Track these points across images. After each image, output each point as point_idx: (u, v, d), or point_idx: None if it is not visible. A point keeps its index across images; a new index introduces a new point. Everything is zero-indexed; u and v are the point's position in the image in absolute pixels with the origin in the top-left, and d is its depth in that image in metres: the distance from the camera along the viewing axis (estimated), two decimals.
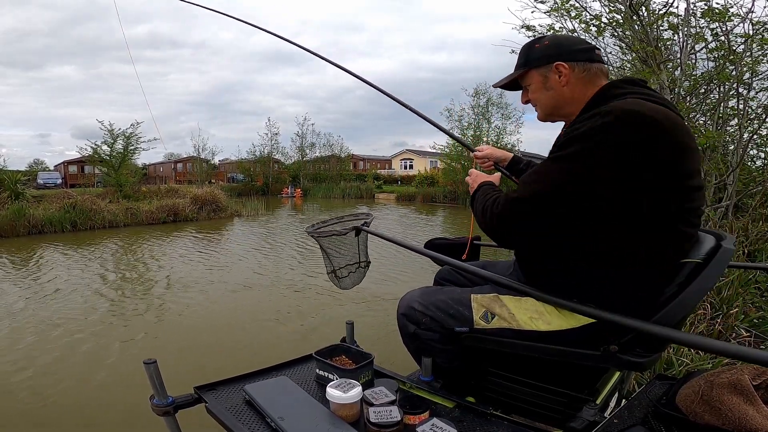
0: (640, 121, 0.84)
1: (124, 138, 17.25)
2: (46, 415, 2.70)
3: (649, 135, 0.83)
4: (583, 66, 1.02)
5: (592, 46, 1.05)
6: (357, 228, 1.45)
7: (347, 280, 1.52)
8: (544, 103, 1.08)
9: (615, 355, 0.96)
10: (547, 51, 1.05)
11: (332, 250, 1.48)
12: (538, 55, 1.06)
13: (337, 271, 1.51)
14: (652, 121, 0.83)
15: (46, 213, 11.67)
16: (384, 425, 0.91)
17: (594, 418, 0.91)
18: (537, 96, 1.08)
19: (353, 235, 1.46)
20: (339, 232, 1.43)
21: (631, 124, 0.84)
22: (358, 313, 4.63)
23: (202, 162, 34.23)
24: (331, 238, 1.46)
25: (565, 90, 1.03)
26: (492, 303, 1.10)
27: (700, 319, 2.68)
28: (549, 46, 1.05)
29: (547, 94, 1.06)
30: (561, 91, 1.04)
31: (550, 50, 1.04)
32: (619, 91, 0.95)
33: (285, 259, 7.72)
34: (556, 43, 1.06)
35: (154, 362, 1.03)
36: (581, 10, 4.37)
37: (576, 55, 1.02)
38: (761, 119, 4.31)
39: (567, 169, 0.88)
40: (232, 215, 15.58)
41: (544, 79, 1.05)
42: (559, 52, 1.03)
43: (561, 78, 1.02)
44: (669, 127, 0.85)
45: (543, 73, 1.05)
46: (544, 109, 1.09)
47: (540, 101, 1.08)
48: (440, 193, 23.99)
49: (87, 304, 5.02)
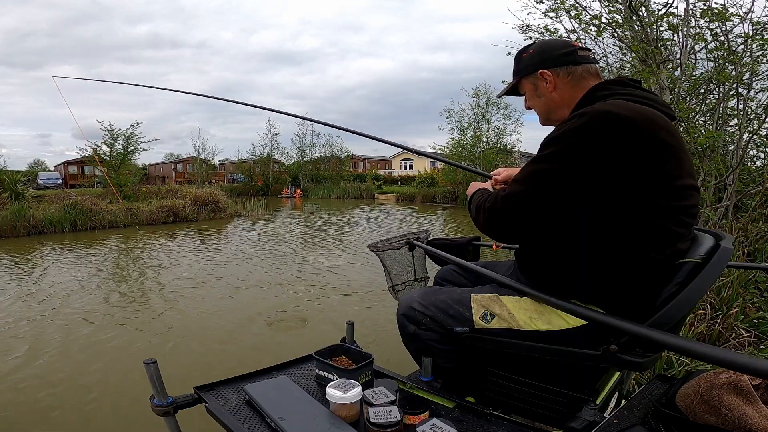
0: (614, 121, 0.85)
1: (124, 138, 17.27)
2: (46, 416, 2.70)
3: (622, 135, 0.84)
4: (566, 70, 1.05)
5: (574, 49, 1.07)
6: (410, 243, 1.51)
7: (402, 294, 1.58)
8: (539, 109, 1.12)
9: (615, 355, 0.96)
10: (532, 60, 1.09)
11: (392, 266, 1.55)
12: (525, 65, 1.10)
13: (395, 286, 1.57)
14: (626, 121, 0.84)
15: (46, 213, 11.65)
16: (384, 425, 0.91)
17: (594, 418, 0.91)
18: (532, 103, 1.12)
19: (407, 251, 1.53)
20: (394, 247, 1.51)
21: (603, 125, 0.85)
22: (358, 313, 4.63)
23: (202, 162, 34.24)
24: (390, 255, 1.53)
25: (554, 95, 1.06)
26: (492, 303, 1.10)
27: (700, 319, 2.68)
28: (533, 54, 1.09)
29: (539, 100, 1.10)
30: (551, 96, 1.07)
31: (535, 58, 1.08)
32: (605, 92, 0.97)
33: (285, 260, 7.72)
34: (540, 51, 1.09)
35: (154, 362, 1.03)
36: (581, 11, 4.38)
37: (558, 60, 1.05)
38: (761, 119, 4.31)
39: (545, 170, 0.91)
40: (232, 216, 15.57)
41: (534, 87, 1.09)
42: (542, 59, 1.07)
43: (548, 84, 1.06)
44: (647, 126, 0.85)
45: (532, 81, 1.09)
46: (541, 114, 1.13)
47: (536, 107, 1.12)
48: (440, 193, 23.98)
49: (87, 304, 5.02)
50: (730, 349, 0.73)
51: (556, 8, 4.45)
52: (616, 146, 0.84)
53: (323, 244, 9.54)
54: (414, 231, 1.65)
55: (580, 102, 1.02)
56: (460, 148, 23.35)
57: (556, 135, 0.92)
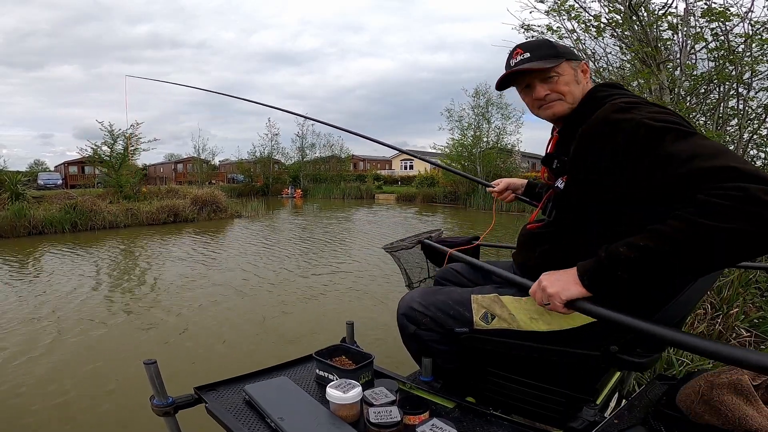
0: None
1: (125, 138, 17.26)
2: (45, 416, 2.70)
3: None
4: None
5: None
6: (421, 242, 1.53)
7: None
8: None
9: (615, 355, 0.96)
10: (571, 50, 1.10)
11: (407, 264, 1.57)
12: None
13: (413, 284, 1.58)
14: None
15: (46, 214, 11.66)
16: (384, 425, 0.91)
17: (594, 418, 0.91)
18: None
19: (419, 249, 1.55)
20: (407, 246, 1.53)
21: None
22: (358, 313, 4.63)
23: (202, 162, 34.25)
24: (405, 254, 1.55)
25: (584, 88, 1.07)
26: (492, 304, 1.10)
27: (700, 319, 2.68)
28: (566, 47, 1.10)
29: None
30: (584, 87, 1.06)
31: (573, 51, 1.10)
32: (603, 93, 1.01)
33: (285, 260, 7.72)
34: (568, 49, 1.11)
35: (154, 362, 1.03)
36: (580, 11, 4.37)
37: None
38: (761, 119, 4.30)
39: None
40: (232, 216, 15.57)
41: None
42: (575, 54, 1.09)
43: (585, 75, 1.07)
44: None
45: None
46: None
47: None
48: (440, 193, 23.98)
49: (86, 304, 5.02)
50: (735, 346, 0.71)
51: (556, 8, 4.45)
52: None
53: (323, 245, 9.54)
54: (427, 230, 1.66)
55: (584, 100, 1.04)
56: (461, 148, 23.34)
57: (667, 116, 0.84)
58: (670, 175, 0.77)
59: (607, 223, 0.93)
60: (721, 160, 0.72)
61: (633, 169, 0.82)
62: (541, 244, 1.07)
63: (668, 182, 0.77)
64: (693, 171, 0.73)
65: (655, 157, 0.79)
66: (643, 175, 0.81)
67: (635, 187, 0.83)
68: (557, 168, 1.07)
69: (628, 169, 0.83)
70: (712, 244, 0.69)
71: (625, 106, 0.88)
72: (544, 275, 0.93)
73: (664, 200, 0.79)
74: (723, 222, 0.67)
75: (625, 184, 0.85)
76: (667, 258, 0.74)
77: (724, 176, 0.70)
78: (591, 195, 0.94)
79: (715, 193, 0.69)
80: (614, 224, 0.91)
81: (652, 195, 0.81)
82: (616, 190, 0.87)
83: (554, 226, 1.05)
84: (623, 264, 0.79)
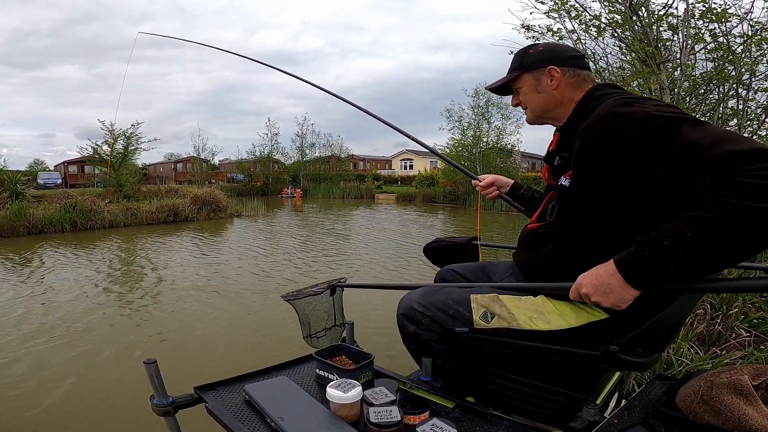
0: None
1: (125, 138, 17.25)
2: (45, 416, 2.70)
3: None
4: (573, 71, 1.09)
5: (582, 54, 1.14)
6: (331, 286, 1.54)
7: (324, 340, 1.57)
8: (535, 105, 1.13)
9: (615, 355, 0.96)
10: (541, 56, 1.11)
11: (308, 314, 1.54)
12: (532, 60, 1.12)
13: (312, 335, 1.55)
14: None
15: (46, 213, 11.65)
16: (384, 425, 0.91)
17: (594, 418, 0.91)
18: (528, 98, 1.14)
19: (328, 295, 1.54)
20: (315, 293, 1.51)
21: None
22: (358, 313, 4.62)
23: (202, 162, 34.24)
24: (307, 302, 1.51)
25: (555, 93, 1.09)
26: (492, 303, 1.10)
27: (700, 319, 2.68)
28: (543, 51, 1.12)
29: (538, 96, 1.12)
30: (552, 93, 1.10)
31: (544, 55, 1.11)
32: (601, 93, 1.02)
33: (285, 260, 7.72)
34: (549, 49, 1.13)
35: (154, 362, 1.03)
36: (581, 11, 4.38)
37: (567, 61, 1.10)
38: (761, 119, 4.31)
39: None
40: (232, 215, 15.57)
41: (536, 82, 1.11)
42: (552, 57, 1.10)
43: (552, 81, 1.09)
44: None
45: (536, 76, 1.11)
46: (535, 111, 1.14)
47: (531, 103, 1.14)
48: (440, 193, 23.98)
49: (86, 304, 5.02)
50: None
51: (556, 9, 4.45)
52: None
53: (324, 244, 9.54)
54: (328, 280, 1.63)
55: (581, 102, 1.05)
56: (461, 148, 23.35)
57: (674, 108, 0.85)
58: (693, 162, 0.76)
59: (606, 218, 0.94)
60: (748, 144, 0.74)
61: (640, 160, 0.83)
62: (545, 244, 1.07)
63: (686, 170, 0.77)
64: (723, 155, 0.74)
65: (670, 145, 0.79)
66: (650, 166, 0.82)
67: (639, 178, 0.85)
68: (558, 165, 1.07)
69: (635, 160, 0.84)
70: (760, 224, 0.70)
71: (630, 101, 0.90)
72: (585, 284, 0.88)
73: (663, 192, 0.81)
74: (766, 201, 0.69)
75: (628, 178, 0.87)
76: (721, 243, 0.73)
77: (757, 158, 0.71)
78: (593, 190, 0.95)
79: (754, 174, 0.70)
80: (613, 219, 0.93)
81: (654, 187, 0.83)
82: (617, 184, 0.89)
83: (556, 226, 1.05)
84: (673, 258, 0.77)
